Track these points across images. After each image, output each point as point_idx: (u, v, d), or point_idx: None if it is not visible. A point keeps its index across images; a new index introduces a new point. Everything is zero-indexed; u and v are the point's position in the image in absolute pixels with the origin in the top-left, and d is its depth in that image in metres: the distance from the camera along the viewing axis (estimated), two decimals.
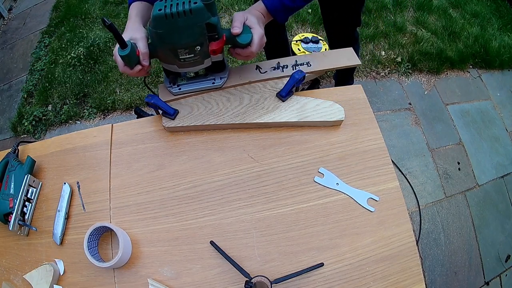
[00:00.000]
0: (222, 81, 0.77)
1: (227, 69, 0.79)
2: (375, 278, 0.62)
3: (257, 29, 0.66)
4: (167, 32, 0.60)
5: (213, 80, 0.77)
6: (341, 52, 0.85)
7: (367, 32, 2.14)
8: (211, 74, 0.78)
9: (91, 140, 0.77)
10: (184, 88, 0.77)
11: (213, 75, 0.78)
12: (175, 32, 0.60)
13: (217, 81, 0.77)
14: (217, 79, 0.77)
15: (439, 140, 1.79)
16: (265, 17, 0.73)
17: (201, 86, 0.77)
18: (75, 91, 1.89)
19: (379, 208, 0.68)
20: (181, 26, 0.58)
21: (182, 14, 0.57)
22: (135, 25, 0.67)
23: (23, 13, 2.63)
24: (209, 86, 0.77)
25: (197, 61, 0.68)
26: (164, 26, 0.59)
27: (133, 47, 0.61)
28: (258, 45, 0.67)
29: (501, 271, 1.50)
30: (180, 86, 0.77)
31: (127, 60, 0.62)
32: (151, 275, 0.62)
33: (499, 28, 2.33)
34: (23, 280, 0.63)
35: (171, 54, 0.65)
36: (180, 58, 0.65)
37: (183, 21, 0.58)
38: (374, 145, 0.74)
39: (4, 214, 0.66)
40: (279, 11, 0.72)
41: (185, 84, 0.78)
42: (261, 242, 0.65)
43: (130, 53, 0.60)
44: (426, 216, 1.56)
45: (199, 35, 0.61)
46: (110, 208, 0.69)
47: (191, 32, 0.60)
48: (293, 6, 0.73)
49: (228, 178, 0.71)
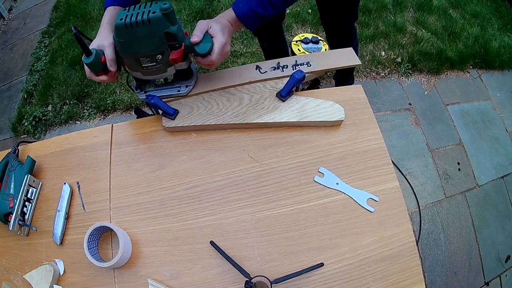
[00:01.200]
0: (187, 89, 0.77)
1: (194, 77, 0.78)
2: (375, 278, 0.62)
3: (218, 38, 0.65)
4: (128, 41, 0.62)
5: (178, 88, 0.77)
6: (341, 52, 0.85)
7: (367, 32, 2.15)
8: (178, 81, 0.78)
9: (91, 140, 0.77)
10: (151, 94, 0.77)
11: (180, 83, 0.78)
12: (135, 41, 0.61)
13: (182, 89, 0.77)
14: (182, 87, 0.77)
15: (439, 140, 1.79)
16: (233, 25, 0.71)
17: (166, 93, 0.77)
18: (75, 91, 1.89)
19: (379, 208, 0.68)
20: (140, 35, 0.60)
21: (141, 23, 0.58)
22: (104, 32, 0.68)
23: (23, 13, 2.63)
24: (174, 94, 0.77)
25: (160, 69, 0.68)
26: (124, 36, 0.61)
27: (98, 55, 0.64)
28: (218, 55, 0.65)
29: (501, 272, 1.50)
30: (147, 92, 0.78)
31: (91, 67, 0.65)
32: (151, 275, 0.62)
33: (499, 28, 2.33)
34: (23, 280, 0.63)
35: (134, 62, 0.66)
36: (143, 66, 0.66)
37: (142, 30, 0.59)
38: (374, 145, 0.74)
39: (4, 214, 0.66)
40: (250, 18, 0.70)
41: (151, 91, 0.78)
42: (261, 242, 0.65)
43: (94, 61, 0.63)
44: (426, 216, 1.56)
45: (158, 44, 0.62)
46: (110, 208, 0.69)
47: (150, 41, 0.61)
48: (264, 14, 0.70)
49: (228, 178, 0.71)
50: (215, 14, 2.23)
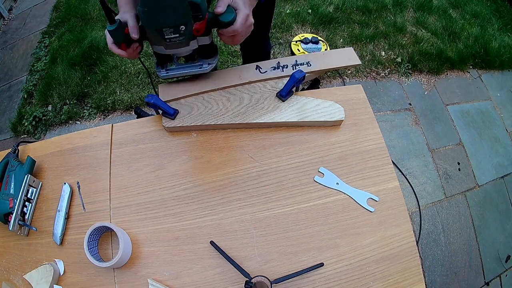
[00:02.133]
0: (210, 67, 0.77)
1: (217, 55, 0.78)
2: (375, 278, 0.62)
3: (242, 9, 0.66)
4: (153, 10, 0.62)
5: (200, 65, 0.77)
6: (341, 52, 0.85)
7: (367, 32, 2.15)
8: (200, 59, 0.78)
9: (91, 140, 0.77)
10: (172, 72, 0.78)
11: (202, 61, 0.78)
12: (160, 10, 0.61)
13: (204, 67, 0.77)
14: (204, 64, 0.77)
15: (439, 140, 1.79)
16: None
17: (188, 70, 0.77)
18: (75, 91, 1.89)
19: (379, 208, 0.68)
20: (165, 4, 0.60)
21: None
22: (125, 7, 0.68)
23: (23, 13, 2.63)
24: (196, 71, 0.77)
25: (183, 42, 0.69)
26: (149, 4, 0.61)
27: (121, 25, 0.64)
28: (242, 24, 0.65)
29: (501, 272, 1.50)
30: (168, 70, 0.78)
31: (114, 35, 0.64)
32: (151, 275, 0.62)
33: (499, 29, 2.33)
34: (23, 280, 0.63)
35: (157, 34, 0.66)
36: (166, 38, 0.67)
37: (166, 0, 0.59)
38: (374, 145, 0.74)
39: (4, 214, 0.66)
40: None
41: (173, 69, 0.78)
42: (261, 242, 0.65)
43: (117, 28, 0.63)
44: (426, 216, 1.56)
45: (182, 13, 0.62)
46: (110, 208, 0.69)
47: (174, 10, 0.62)
48: None
49: (228, 178, 0.71)
50: None
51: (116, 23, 0.63)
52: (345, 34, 2.17)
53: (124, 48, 0.67)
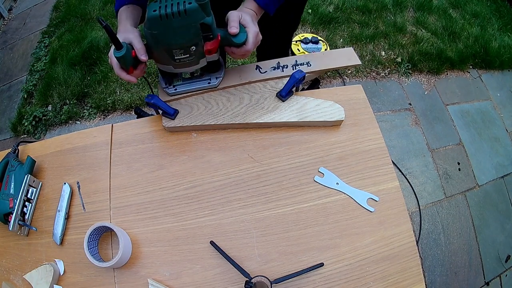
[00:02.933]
0: (218, 81, 0.77)
1: (222, 69, 0.79)
2: (375, 278, 0.62)
3: (251, 27, 0.67)
4: (162, 32, 0.60)
5: (208, 80, 0.77)
6: (341, 52, 0.85)
7: (367, 32, 2.15)
8: (207, 74, 0.78)
9: (91, 140, 0.77)
10: (180, 88, 0.77)
11: (209, 75, 0.78)
12: (170, 32, 0.60)
13: (212, 81, 0.77)
14: (212, 79, 0.77)
15: (439, 140, 1.79)
16: (257, 13, 0.73)
17: (197, 86, 0.77)
18: (75, 91, 1.89)
19: (379, 208, 0.68)
20: (176, 26, 0.59)
21: (177, 14, 0.57)
22: (126, 26, 0.67)
23: (23, 13, 2.63)
24: (205, 86, 0.77)
25: (193, 62, 0.68)
26: (159, 27, 0.59)
27: (129, 48, 0.62)
28: (253, 44, 0.67)
29: (501, 271, 1.50)
30: (176, 87, 0.77)
31: (122, 61, 0.62)
32: (151, 275, 0.62)
33: (499, 28, 2.33)
34: (23, 280, 0.63)
35: (166, 55, 0.65)
36: (176, 58, 0.66)
37: (178, 21, 0.58)
38: (374, 145, 0.74)
39: (4, 214, 0.66)
40: (269, 4, 0.73)
41: (180, 85, 0.78)
42: (261, 242, 0.65)
43: (126, 54, 0.61)
44: (426, 216, 1.56)
45: (194, 35, 0.62)
46: (110, 208, 0.69)
47: (186, 32, 0.61)
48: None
49: (228, 178, 0.71)
50: None
51: (123, 49, 0.60)
52: (345, 34, 2.17)
53: (132, 71, 0.65)
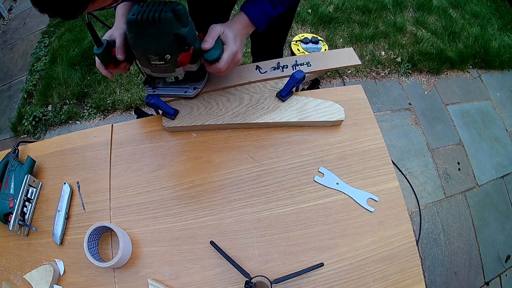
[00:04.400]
0: (194, 92, 0.76)
1: (203, 80, 0.78)
2: (375, 278, 0.62)
3: (230, 46, 0.64)
4: (137, 37, 0.61)
5: (186, 89, 0.77)
6: (341, 52, 0.85)
7: (367, 32, 2.15)
8: (187, 82, 0.77)
9: (91, 140, 0.77)
10: (158, 91, 0.77)
11: (189, 84, 0.77)
12: (145, 38, 0.61)
13: (189, 91, 0.76)
14: (190, 89, 0.76)
15: (439, 140, 1.79)
16: (245, 29, 0.71)
17: (174, 92, 0.77)
18: (75, 91, 1.89)
19: (379, 208, 0.68)
20: (149, 33, 0.59)
21: (152, 21, 0.57)
22: (119, 24, 0.68)
23: (23, 13, 2.63)
24: (181, 94, 0.77)
25: (169, 69, 0.68)
26: (135, 31, 0.60)
27: (109, 46, 0.64)
28: (226, 63, 0.64)
29: (501, 271, 1.50)
30: (155, 89, 0.78)
31: (100, 58, 0.66)
32: (151, 275, 0.62)
33: (499, 28, 2.33)
34: (23, 280, 0.63)
35: (143, 58, 0.66)
36: (152, 63, 0.66)
37: (151, 28, 0.59)
38: (374, 145, 0.74)
39: (4, 214, 0.66)
40: (262, 21, 0.71)
41: (160, 88, 0.78)
42: (261, 242, 0.65)
43: (103, 52, 0.64)
44: (426, 216, 1.56)
45: (167, 44, 0.62)
46: (110, 208, 0.69)
47: (159, 40, 0.61)
48: (275, 14, 0.70)
49: (228, 178, 0.71)
50: None
51: (102, 46, 0.63)
52: (345, 34, 2.17)
53: (112, 67, 0.68)
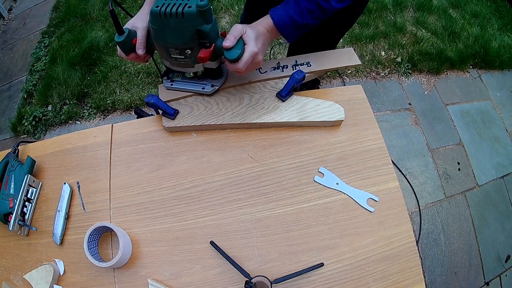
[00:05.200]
0: (212, 89, 0.76)
1: (223, 78, 0.78)
2: (375, 278, 0.62)
3: (251, 46, 0.63)
4: (160, 29, 0.62)
5: (204, 85, 0.77)
6: (341, 52, 0.85)
7: (367, 32, 2.15)
8: (206, 79, 0.77)
9: (91, 140, 0.77)
10: (176, 85, 0.78)
11: (208, 81, 0.77)
12: (167, 31, 0.61)
13: (206, 88, 0.76)
14: (208, 86, 0.77)
15: (439, 140, 1.79)
16: (269, 32, 0.68)
17: (191, 88, 0.77)
18: (75, 91, 1.89)
19: (379, 208, 0.68)
20: (172, 26, 0.60)
21: (174, 15, 0.58)
22: (143, 13, 0.68)
23: (23, 13, 2.63)
24: (198, 91, 0.77)
25: (188, 64, 0.68)
26: (157, 23, 0.61)
27: (130, 36, 0.65)
28: (245, 63, 0.62)
29: (501, 271, 1.50)
30: (173, 82, 0.78)
31: (121, 46, 0.66)
32: (151, 275, 0.62)
33: (499, 28, 2.33)
34: (23, 280, 0.63)
35: (164, 50, 0.67)
36: (172, 56, 0.67)
37: (174, 22, 0.59)
38: (374, 145, 0.74)
39: (4, 214, 0.66)
40: (287, 26, 0.67)
41: (178, 82, 0.78)
42: (261, 242, 0.65)
43: (124, 41, 0.65)
44: (426, 216, 1.56)
45: (189, 39, 0.62)
46: (110, 208, 0.69)
47: (181, 34, 0.61)
48: (302, 23, 0.66)
49: (228, 178, 0.71)
50: (214, 14, 2.23)
51: (124, 35, 0.63)
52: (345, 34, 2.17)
53: (133, 56, 0.68)
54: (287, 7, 0.67)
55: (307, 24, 0.68)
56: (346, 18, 0.97)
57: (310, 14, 0.66)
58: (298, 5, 0.65)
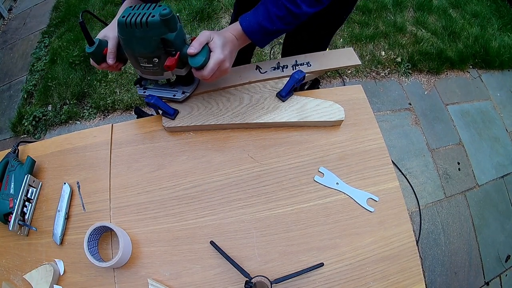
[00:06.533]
0: (183, 96, 0.76)
1: (193, 85, 0.78)
2: (375, 278, 0.62)
3: (217, 53, 0.62)
4: (127, 39, 0.63)
5: (175, 92, 0.77)
6: (341, 52, 0.85)
7: (367, 32, 2.15)
8: (177, 85, 0.78)
9: (91, 140, 0.77)
10: (149, 92, 0.78)
11: (178, 87, 0.77)
12: (133, 40, 0.62)
13: (177, 95, 0.76)
14: (178, 93, 0.77)
15: (439, 140, 1.79)
16: (238, 39, 0.67)
17: (163, 95, 0.77)
18: (75, 91, 1.89)
19: (379, 208, 0.68)
20: (138, 36, 0.60)
21: (139, 25, 0.59)
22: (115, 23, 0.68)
23: (23, 13, 2.63)
24: (169, 97, 0.77)
25: (157, 72, 0.69)
26: (124, 33, 0.62)
27: (101, 46, 0.67)
28: (211, 70, 0.62)
29: (501, 271, 1.50)
30: (146, 89, 0.79)
31: (92, 56, 0.68)
32: (151, 275, 0.62)
33: (499, 28, 2.33)
34: (23, 280, 0.63)
35: (133, 59, 0.67)
36: (141, 65, 0.67)
37: (139, 32, 0.60)
38: (374, 145, 0.74)
39: (4, 214, 0.66)
40: (256, 33, 0.66)
41: (151, 89, 0.78)
42: (261, 242, 0.65)
43: (95, 51, 0.67)
44: (426, 216, 1.56)
45: (154, 48, 0.62)
46: (110, 208, 0.69)
47: (147, 43, 0.62)
48: (272, 29, 0.65)
49: (228, 178, 0.71)
50: (215, 14, 2.23)
51: (94, 45, 0.66)
52: (345, 34, 2.17)
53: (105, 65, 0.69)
54: (256, 13, 0.66)
55: (278, 30, 0.66)
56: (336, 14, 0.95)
57: (280, 20, 0.64)
58: (267, 11, 0.64)
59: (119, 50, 0.68)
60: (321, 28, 0.98)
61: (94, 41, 0.66)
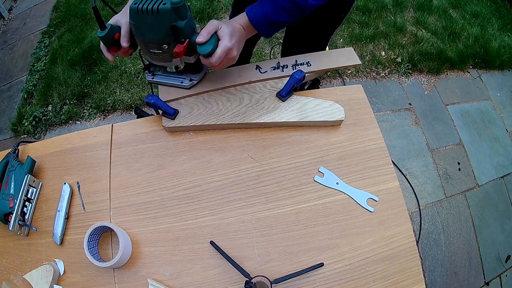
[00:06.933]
0: (190, 84, 0.78)
1: (201, 73, 0.79)
2: (375, 278, 0.62)
3: (224, 41, 0.63)
4: (138, 25, 0.64)
5: (182, 80, 0.78)
6: (341, 52, 0.85)
7: (367, 32, 2.15)
8: (186, 73, 0.79)
9: (91, 140, 0.77)
10: (157, 78, 0.80)
11: (186, 75, 0.79)
12: (144, 27, 0.63)
13: (185, 82, 0.78)
14: (186, 80, 0.78)
15: (439, 140, 1.79)
16: (245, 30, 0.69)
17: (171, 81, 0.79)
18: (75, 91, 1.89)
19: (379, 208, 0.68)
20: (148, 22, 0.62)
21: (150, 12, 0.60)
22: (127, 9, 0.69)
23: (23, 13, 2.63)
24: (177, 84, 0.79)
25: (166, 58, 0.70)
26: (135, 19, 0.63)
27: (112, 30, 0.67)
28: (219, 58, 0.63)
29: (501, 271, 1.50)
30: (155, 76, 0.80)
31: (103, 41, 0.68)
32: (151, 275, 0.62)
33: (499, 28, 2.33)
34: (23, 280, 0.63)
35: (143, 45, 0.69)
36: (151, 51, 0.69)
37: (150, 18, 0.61)
38: (374, 145, 0.74)
39: (4, 214, 0.66)
40: (262, 23, 0.68)
41: (159, 75, 0.80)
42: (261, 242, 0.65)
43: (106, 36, 0.67)
44: (426, 216, 1.56)
45: (164, 35, 0.64)
46: (110, 208, 0.69)
47: (157, 30, 0.63)
48: (278, 20, 0.67)
49: (228, 178, 0.71)
50: (215, 14, 2.23)
51: (106, 30, 0.66)
52: (345, 34, 2.17)
53: (114, 50, 0.70)
54: (263, 5, 0.68)
55: (284, 22, 0.69)
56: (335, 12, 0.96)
57: (286, 11, 0.66)
58: (274, 2, 0.66)
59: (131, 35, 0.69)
60: (320, 26, 0.99)
61: (106, 26, 0.66)
